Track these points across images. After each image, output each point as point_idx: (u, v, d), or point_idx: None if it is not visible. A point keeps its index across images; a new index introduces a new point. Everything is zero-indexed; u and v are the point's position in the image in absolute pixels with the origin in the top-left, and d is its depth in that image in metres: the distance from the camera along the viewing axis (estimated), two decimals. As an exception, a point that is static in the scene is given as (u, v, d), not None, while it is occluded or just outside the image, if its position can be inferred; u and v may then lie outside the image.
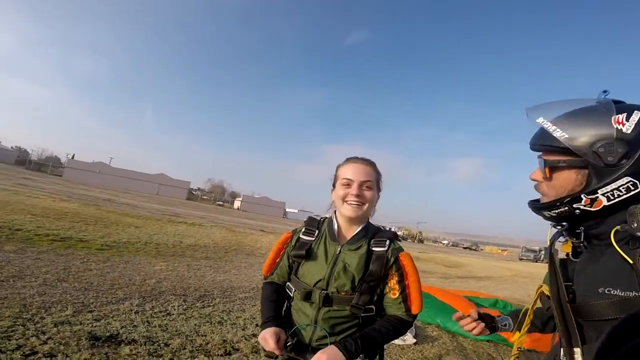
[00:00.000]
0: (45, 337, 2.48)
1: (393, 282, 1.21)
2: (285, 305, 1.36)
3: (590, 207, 0.81)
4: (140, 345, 2.65)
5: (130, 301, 3.60)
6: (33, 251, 4.98)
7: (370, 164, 1.32)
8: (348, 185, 1.25)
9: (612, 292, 0.74)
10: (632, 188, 0.76)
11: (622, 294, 0.72)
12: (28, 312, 2.85)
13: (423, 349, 3.84)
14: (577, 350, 0.79)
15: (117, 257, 5.69)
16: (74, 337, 2.56)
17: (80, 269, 4.49)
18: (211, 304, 4.03)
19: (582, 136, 0.80)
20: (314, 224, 1.34)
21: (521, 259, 43.17)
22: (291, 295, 1.30)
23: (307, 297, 1.22)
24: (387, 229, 1.33)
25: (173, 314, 3.46)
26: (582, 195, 0.81)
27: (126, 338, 2.72)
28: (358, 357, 1.08)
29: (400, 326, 1.20)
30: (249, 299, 4.54)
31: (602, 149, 0.78)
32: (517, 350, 1.11)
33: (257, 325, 3.55)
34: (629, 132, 0.77)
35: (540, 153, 0.91)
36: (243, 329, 3.38)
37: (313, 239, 1.29)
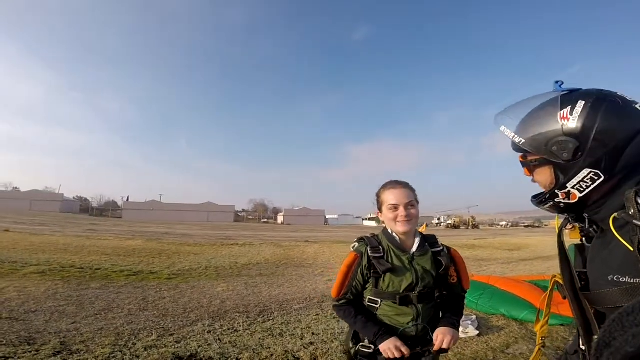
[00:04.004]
0: (140, 360, 2.90)
1: (452, 271, 1.53)
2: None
3: (568, 200, 0.83)
4: (217, 361, 2.96)
5: (202, 322, 4.00)
6: (114, 286, 5.68)
7: (406, 185, 1.54)
8: (395, 209, 1.47)
9: (621, 279, 0.72)
10: (596, 178, 0.77)
11: (632, 281, 0.70)
12: (122, 339, 3.32)
13: (488, 339, 3.71)
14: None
15: (184, 283, 6.25)
16: (161, 359, 2.95)
17: (155, 298, 5.03)
18: (271, 318, 4.31)
19: (536, 138, 0.84)
20: (375, 243, 1.51)
21: None
22: (377, 306, 1.45)
23: (404, 300, 1.42)
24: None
25: (239, 330, 3.78)
26: (556, 191, 0.84)
27: (204, 356, 3.05)
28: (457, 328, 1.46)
29: (463, 301, 1.60)
30: (304, 310, 4.76)
31: (555, 147, 0.80)
32: (541, 339, 1.09)
33: (313, 334, 3.73)
34: (573, 125, 0.78)
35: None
36: (301, 339, 3.57)
37: (382, 254, 1.46)
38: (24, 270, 6.38)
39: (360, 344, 1.45)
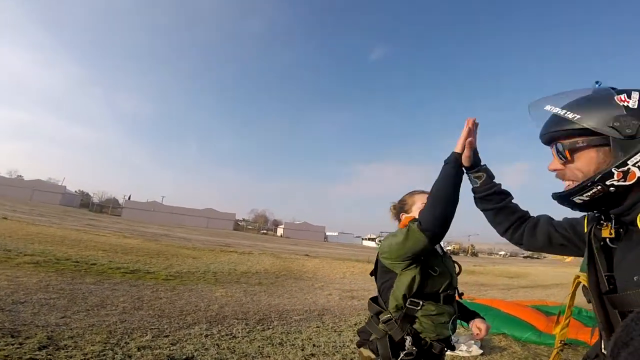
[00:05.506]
0: None
1: None
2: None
3: (625, 180, 0.78)
4: (214, 367, 2.78)
5: (199, 326, 3.81)
6: (109, 283, 5.49)
7: None
8: None
9: None
10: None
11: None
12: (114, 337, 3.14)
13: (491, 359, 3.70)
14: None
15: (181, 286, 6.05)
16: (155, 360, 2.77)
17: (151, 298, 4.84)
18: (270, 327, 4.13)
19: (593, 116, 0.81)
20: None
21: None
22: (418, 308, 1.34)
23: (447, 299, 1.40)
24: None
25: (238, 337, 3.60)
26: (613, 169, 0.78)
27: (200, 360, 2.87)
28: None
29: None
30: (304, 321, 4.59)
31: (618, 123, 0.78)
32: (560, 343, 1.03)
33: (314, 345, 3.61)
34: (635, 106, 0.78)
35: (552, 144, 0.90)
36: (302, 350, 3.44)
37: None
38: (17, 260, 6.20)
39: (404, 352, 1.30)
